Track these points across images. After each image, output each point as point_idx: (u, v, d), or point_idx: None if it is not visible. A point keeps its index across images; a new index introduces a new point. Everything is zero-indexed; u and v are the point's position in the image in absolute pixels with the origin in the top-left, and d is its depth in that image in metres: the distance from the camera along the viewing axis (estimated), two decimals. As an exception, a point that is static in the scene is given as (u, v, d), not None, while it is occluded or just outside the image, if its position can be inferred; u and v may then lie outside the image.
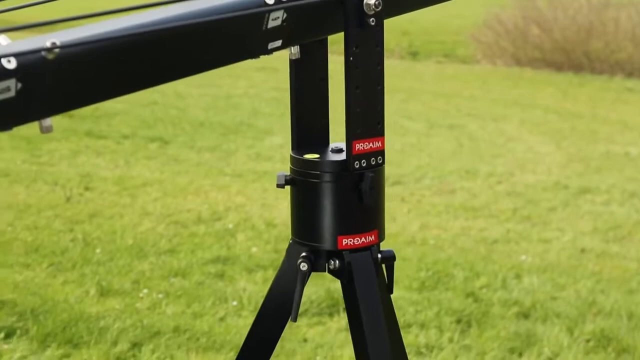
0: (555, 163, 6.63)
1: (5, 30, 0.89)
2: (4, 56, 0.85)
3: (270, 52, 1.12)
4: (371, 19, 1.18)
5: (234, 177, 5.69)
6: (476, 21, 13.65)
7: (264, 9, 1.07)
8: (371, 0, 1.17)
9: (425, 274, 3.83)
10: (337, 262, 1.25)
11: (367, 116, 1.22)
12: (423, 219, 4.91)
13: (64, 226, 4.33)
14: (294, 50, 1.24)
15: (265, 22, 1.08)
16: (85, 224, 4.39)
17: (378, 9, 1.18)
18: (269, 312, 1.30)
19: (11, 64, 0.86)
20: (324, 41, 1.30)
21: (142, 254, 3.95)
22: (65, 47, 0.88)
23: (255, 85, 9.91)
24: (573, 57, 12.21)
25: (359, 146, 1.21)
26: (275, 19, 1.09)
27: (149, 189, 5.17)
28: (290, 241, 1.29)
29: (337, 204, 1.23)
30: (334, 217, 1.24)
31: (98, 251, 3.95)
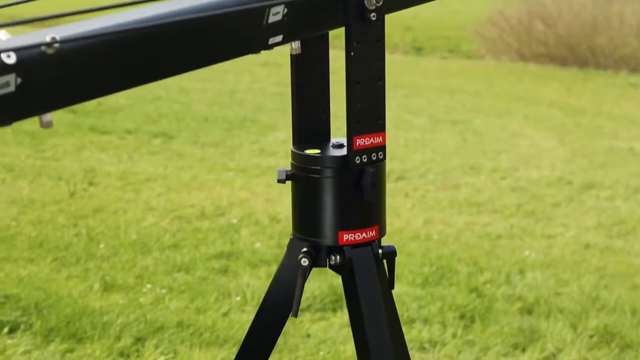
0: (560, 158, 6.62)
1: (5, 25, 0.89)
2: (3, 51, 0.85)
3: (270, 47, 1.12)
4: (372, 14, 1.17)
5: (237, 172, 5.69)
6: (480, 17, 13.63)
7: (264, 3, 1.07)
8: None
9: (429, 269, 3.83)
10: (338, 257, 1.25)
11: (368, 111, 1.21)
12: (427, 214, 4.91)
13: (67, 221, 4.33)
14: (295, 46, 1.24)
15: (265, 17, 1.08)
16: (89, 219, 4.39)
17: (379, 4, 1.17)
18: (270, 308, 1.30)
19: (11, 58, 0.85)
20: (325, 36, 1.30)
21: (146, 249, 3.96)
22: (65, 42, 0.88)
23: (259, 80, 9.90)
24: (577, 52, 12.19)
25: (360, 141, 1.21)
26: (276, 14, 1.09)
27: (152, 184, 5.17)
28: (291, 237, 1.29)
29: (338, 199, 1.23)
30: (334, 212, 1.23)
31: (102, 246, 3.96)
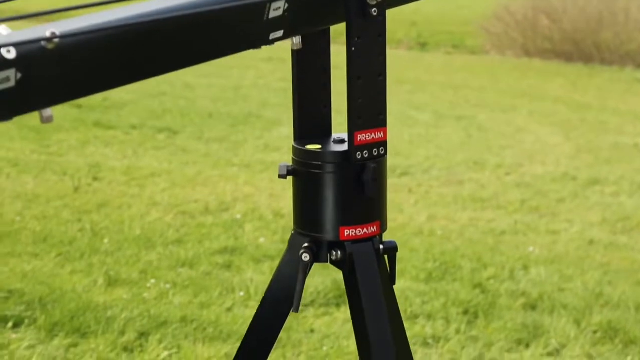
0: (564, 154, 6.61)
1: (6, 20, 0.89)
2: (3, 46, 0.85)
3: (271, 42, 1.12)
4: (373, 9, 1.17)
5: (242, 167, 5.69)
6: (485, 12, 13.60)
7: (265, -1, 1.07)
8: None
9: (433, 265, 3.83)
10: (339, 252, 1.25)
11: (369, 107, 1.21)
12: (431, 210, 4.91)
13: (72, 216, 4.34)
14: (296, 41, 1.23)
15: (266, 12, 1.08)
16: (93, 214, 4.40)
17: (380, -1, 1.17)
18: (271, 303, 1.30)
19: (11, 54, 0.85)
20: (327, 31, 1.30)
21: (150, 244, 3.96)
22: (65, 37, 0.88)
23: (264, 76, 9.90)
24: (583, 47, 12.16)
25: (361, 137, 1.21)
26: (277, 9, 1.09)
27: (157, 180, 5.18)
28: (293, 232, 1.29)
29: (339, 194, 1.23)
30: (335, 208, 1.23)
31: (106, 241, 3.96)
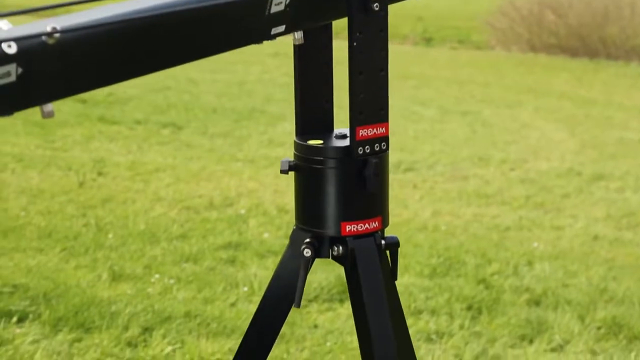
0: (569, 150, 6.60)
1: (6, 15, 0.89)
2: (4, 41, 0.85)
3: (273, 37, 1.12)
4: (375, 4, 1.17)
5: (246, 162, 5.69)
6: (491, 7, 13.57)
7: (267, -7, 1.06)
8: None
9: (437, 261, 3.83)
10: (340, 248, 1.25)
11: (371, 102, 1.21)
12: (435, 205, 4.90)
13: (76, 211, 4.35)
14: (298, 36, 1.23)
15: (268, 6, 1.08)
16: (97, 209, 4.40)
17: (382, -6, 1.17)
18: (273, 298, 1.30)
19: (12, 48, 0.85)
20: (328, 26, 1.30)
21: (154, 239, 3.97)
22: (66, 32, 0.88)
23: (269, 71, 9.90)
24: (588, 42, 12.13)
25: (363, 132, 1.21)
26: (279, 4, 1.08)
27: (161, 175, 5.18)
28: (294, 227, 1.29)
29: (341, 190, 1.23)
30: (337, 203, 1.23)
31: (110, 236, 3.97)
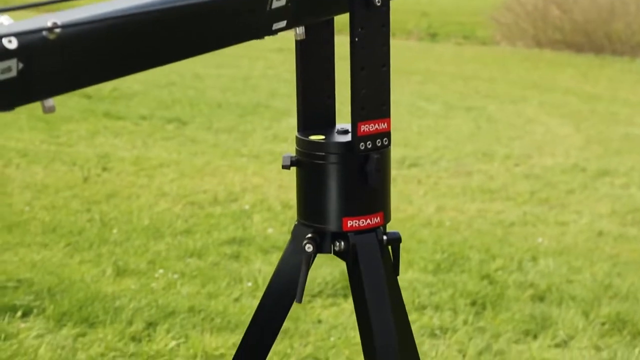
0: (574, 145, 6.58)
1: (7, 10, 0.89)
2: (5, 36, 0.85)
3: (274, 32, 1.11)
4: (377, 0, 1.17)
5: (250, 158, 5.69)
6: (495, 2, 13.54)
7: (268, -11, 1.06)
8: None
9: (441, 256, 3.83)
10: (342, 243, 1.25)
11: (373, 97, 1.21)
12: (439, 201, 4.90)
13: (81, 206, 4.35)
14: (299, 31, 1.23)
15: (269, 2, 1.07)
16: (102, 204, 4.41)
17: (384, -11, 1.17)
18: (274, 293, 1.30)
19: (12, 44, 0.85)
20: (330, 22, 1.30)
21: (158, 235, 3.97)
22: (67, 27, 0.88)
23: (274, 66, 9.89)
24: (594, 38, 12.10)
25: (364, 127, 1.21)
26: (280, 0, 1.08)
27: (165, 170, 5.19)
28: (296, 223, 1.29)
29: (342, 185, 1.23)
30: (339, 198, 1.23)
31: (115, 231, 3.97)
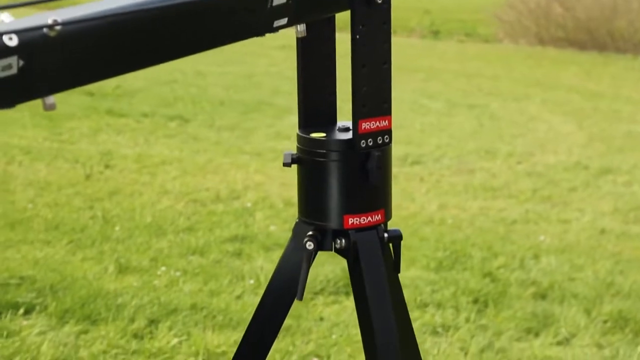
0: (577, 143, 6.58)
1: (8, 7, 0.89)
2: (5, 33, 0.85)
3: (275, 30, 1.11)
4: (378, -3, 1.17)
5: (253, 155, 5.69)
6: (498, 0, 13.53)
7: (269, -14, 1.06)
8: None
9: (443, 254, 3.83)
10: (343, 241, 1.25)
11: (374, 95, 1.21)
12: (442, 198, 4.90)
13: (83, 204, 4.36)
14: (300, 28, 1.23)
15: (270, -1, 1.08)
16: (104, 201, 4.41)
17: (385, -13, 1.17)
18: (275, 291, 1.30)
19: (13, 41, 0.85)
20: (332, 19, 1.29)
21: (161, 232, 3.97)
22: (67, 24, 0.88)
23: (276, 63, 9.89)
24: (597, 36, 12.08)
25: (365, 125, 1.21)
26: (281, -4, 1.08)
27: (168, 167, 5.19)
28: (297, 220, 1.29)
29: (343, 183, 1.23)
30: (340, 196, 1.23)
31: (117, 229, 3.97)
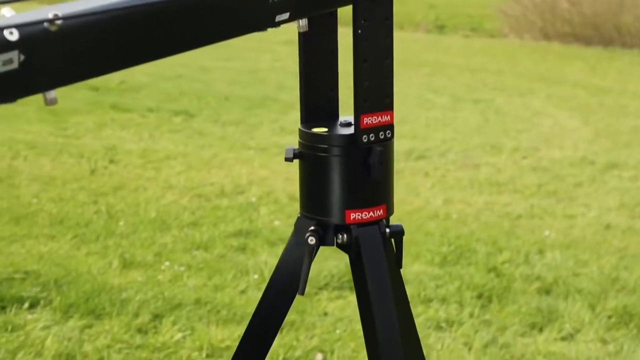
0: (583, 138, 6.56)
1: (9, 2, 0.89)
2: (6, 27, 0.85)
3: (277, 24, 1.11)
4: (380, -9, 1.16)
5: (257, 150, 5.69)
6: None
7: (271, -20, 1.06)
8: None
9: (448, 249, 3.82)
10: (345, 236, 1.25)
11: (376, 90, 1.21)
12: (447, 193, 4.89)
13: (88, 198, 4.36)
14: (302, 23, 1.23)
15: (272, -6, 1.07)
16: (109, 196, 4.42)
17: (387, -18, 1.16)
18: (277, 286, 1.30)
19: (13, 35, 0.85)
20: (334, 13, 1.29)
21: (165, 227, 3.98)
22: (68, 18, 0.88)
23: (281, 59, 9.88)
24: (603, 31, 12.05)
25: (367, 120, 1.21)
26: (282, -9, 1.08)
27: (172, 162, 5.19)
28: (299, 215, 1.29)
29: (345, 178, 1.23)
30: (342, 191, 1.23)
31: (121, 223, 3.98)
